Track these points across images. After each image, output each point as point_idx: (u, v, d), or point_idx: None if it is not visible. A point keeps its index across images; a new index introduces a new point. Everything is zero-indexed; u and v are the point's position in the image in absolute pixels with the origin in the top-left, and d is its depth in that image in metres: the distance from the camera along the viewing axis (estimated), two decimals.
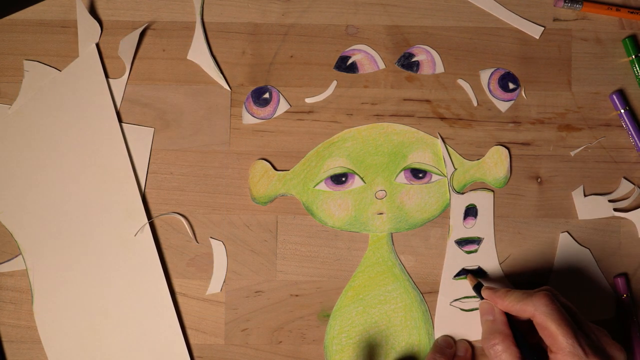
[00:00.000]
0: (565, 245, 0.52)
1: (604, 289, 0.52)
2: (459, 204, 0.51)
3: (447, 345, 0.50)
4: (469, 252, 0.51)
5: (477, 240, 0.51)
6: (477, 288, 0.49)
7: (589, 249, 0.52)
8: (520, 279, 0.52)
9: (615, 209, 0.52)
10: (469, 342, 0.51)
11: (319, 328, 0.51)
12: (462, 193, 0.51)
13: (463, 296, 0.51)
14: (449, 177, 0.51)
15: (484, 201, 0.52)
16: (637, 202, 0.52)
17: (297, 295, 0.51)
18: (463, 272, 0.51)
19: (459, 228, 0.51)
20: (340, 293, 0.51)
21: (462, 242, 0.51)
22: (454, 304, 0.51)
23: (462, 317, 0.51)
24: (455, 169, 0.51)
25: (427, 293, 0.52)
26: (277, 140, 0.52)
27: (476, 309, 0.51)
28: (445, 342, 0.50)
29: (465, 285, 0.51)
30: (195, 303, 0.51)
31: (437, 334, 0.51)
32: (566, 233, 0.52)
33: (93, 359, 0.50)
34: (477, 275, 0.51)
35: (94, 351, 0.50)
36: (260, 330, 0.51)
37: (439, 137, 0.52)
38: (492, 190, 0.52)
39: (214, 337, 0.51)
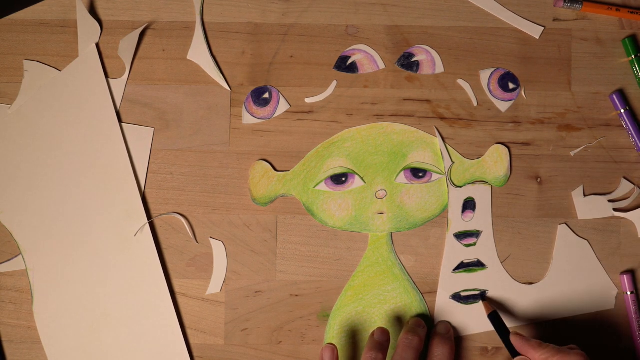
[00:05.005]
0: (563, 238, 0.52)
1: (603, 281, 0.52)
2: (457, 198, 0.51)
3: (418, 325, 0.50)
4: (467, 246, 0.52)
5: (475, 234, 0.52)
6: (493, 318, 0.49)
7: (587, 240, 0.52)
8: (519, 278, 0.52)
9: (615, 209, 0.52)
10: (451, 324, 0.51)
11: (319, 328, 0.51)
12: (460, 187, 0.52)
13: (462, 289, 0.51)
14: (446, 170, 0.51)
15: (482, 194, 0.52)
16: (637, 202, 0.52)
17: (297, 295, 0.51)
18: (462, 266, 0.51)
19: (458, 222, 0.52)
20: (340, 293, 0.51)
21: (460, 236, 0.52)
22: (453, 297, 0.51)
23: (461, 310, 0.51)
24: (453, 162, 0.51)
25: (427, 293, 0.52)
26: (277, 140, 0.52)
27: (475, 302, 0.51)
28: (417, 322, 0.50)
29: (465, 279, 0.51)
30: (195, 303, 0.51)
31: None
32: (564, 225, 0.52)
33: (93, 359, 0.51)
34: (484, 298, 0.51)
35: (94, 351, 0.50)
36: (260, 330, 0.51)
37: (436, 130, 0.52)
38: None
39: (214, 337, 0.51)
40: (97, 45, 0.51)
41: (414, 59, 0.52)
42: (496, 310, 0.50)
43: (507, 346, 0.48)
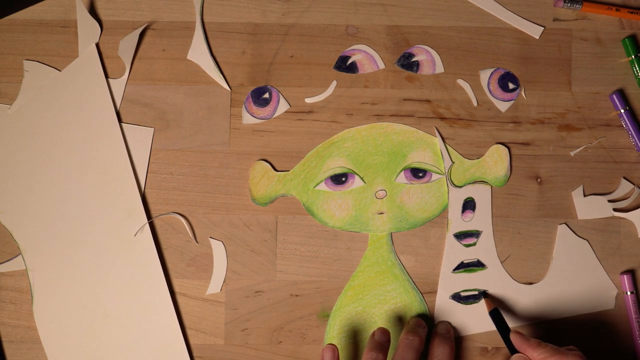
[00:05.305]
0: (563, 238, 0.52)
1: (603, 282, 0.52)
2: (457, 198, 0.51)
3: (418, 325, 0.50)
4: (467, 246, 0.52)
5: (475, 234, 0.52)
6: (494, 315, 0.50)
7: (587, 240, 0.52)
8: (519, 278, 0.52)
9: (615, 209, 0.52)
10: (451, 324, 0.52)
11: (319, 328, 0.51)
12: (460, 187, 0.52)
13: (462, 289, 0.51)
14: (446, 170, 0.51)
15: (481, 194, 0.52)
16: (637, 202, 0.52)
17: (297, 295, 0.51)
18: (462, 266, 0.51)
19: (458, 222, 0.52)
20: (340, 293, 0.51)
21: (460, 236, 0.52)
22: (453, 297, 0.51)
23: (461, 310, 0.51)
24: (453, 162, 0.51)
25: (426, 293, 0.52)
26: (277, 140, 0.52)
27: (475, 302, 0.51)
28: (417, 322, 0.50)
29: (465, 279, 0.51)
30: (195, 303, 0.51)
31: None
32: (564, 225, 0.52)
33: (93, 359, 0.51)
34: (486, 295, 0.51)
35: (94, 351, 0.50)
36: (260, 330, 0.51)
37: (436, 130, 0.52)
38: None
39: (214, 337, 0.51)
40: (97, 45, 0.51)
41: (414, 59, 0.52)
42: (497, 308, 0.50)
43: (507, 344, 0.48)
